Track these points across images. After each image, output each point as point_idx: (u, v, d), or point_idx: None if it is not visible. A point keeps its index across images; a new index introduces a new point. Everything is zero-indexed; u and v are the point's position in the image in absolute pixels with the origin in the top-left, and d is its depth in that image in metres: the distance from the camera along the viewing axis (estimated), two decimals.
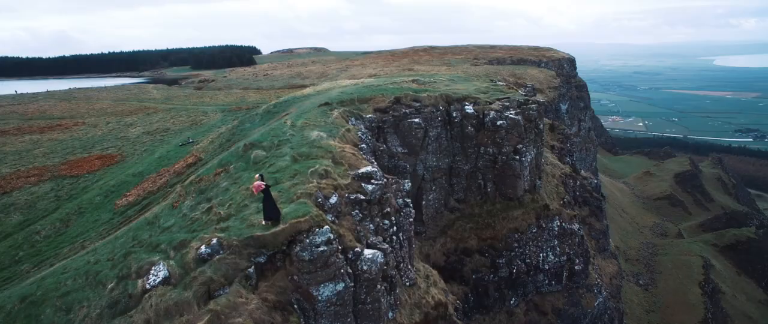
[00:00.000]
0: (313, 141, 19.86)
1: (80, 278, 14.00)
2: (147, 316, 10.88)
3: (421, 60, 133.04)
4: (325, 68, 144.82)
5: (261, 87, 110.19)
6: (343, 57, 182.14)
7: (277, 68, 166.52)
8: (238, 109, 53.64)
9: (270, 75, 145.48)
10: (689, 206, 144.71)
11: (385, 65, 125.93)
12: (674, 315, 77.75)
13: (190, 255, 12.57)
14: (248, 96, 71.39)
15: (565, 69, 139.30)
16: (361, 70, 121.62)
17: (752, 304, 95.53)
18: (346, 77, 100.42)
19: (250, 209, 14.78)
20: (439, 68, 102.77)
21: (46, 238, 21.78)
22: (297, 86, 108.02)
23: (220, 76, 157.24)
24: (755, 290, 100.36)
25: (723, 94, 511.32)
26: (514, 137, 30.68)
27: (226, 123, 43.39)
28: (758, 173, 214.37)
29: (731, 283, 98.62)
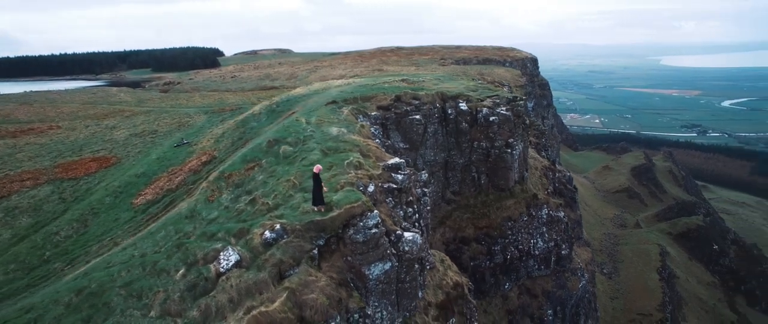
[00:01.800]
0: (336, 136, 20.96)
1: (135, 269, 14.60)
2: (229, 295, 11.76)
3: (389, 60, 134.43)
4: (294, 69, 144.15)
5: (230, 89, 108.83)
6: (310, 58, 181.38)
7: (243, 70, 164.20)
8: (221, 111, 53.52)
9: (238, 77, 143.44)
10: (645, 198, 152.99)
11: (354, 66, 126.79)
12: (636, 301, 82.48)
13: (255, 240, 13.50)
14: (225, 98, 70.83)
15: (529, 68, 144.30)
16: (330, 71, 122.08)
17: (702, 286, 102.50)
18: (317, 78, 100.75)
19: (295, 199, 15.78)
20: (408, 68, 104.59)
21: (67, 238, 21.79)
22: (267, 88, 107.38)
23: (185, 79, 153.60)
24: (704, 273, 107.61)
25: (670, 92, 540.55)
26: (505, 132, 32.75)
27: (215, 124, 43.52)
28: (703, 166, 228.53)
29: (684, 268, 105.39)
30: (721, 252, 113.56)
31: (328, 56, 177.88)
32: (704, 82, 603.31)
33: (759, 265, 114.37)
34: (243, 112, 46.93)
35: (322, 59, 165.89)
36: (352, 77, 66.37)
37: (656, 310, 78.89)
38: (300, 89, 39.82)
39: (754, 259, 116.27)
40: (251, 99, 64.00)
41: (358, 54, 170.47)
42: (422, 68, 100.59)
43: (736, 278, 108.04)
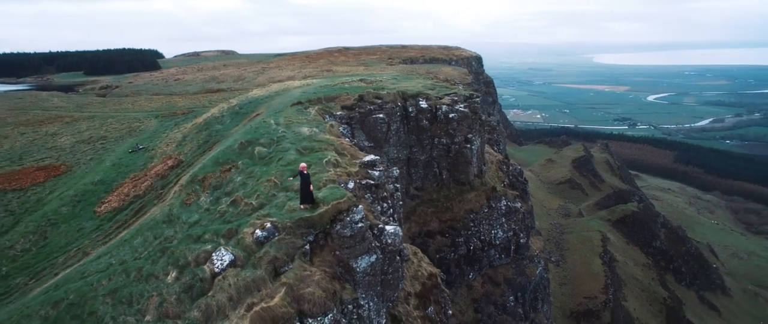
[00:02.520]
0: (309, 136, 21.23)
1: (118, 277, 14.31)
2: (228, 294, 11.89)
3: (337, 61, 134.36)
4: (241, 71, 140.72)
5: (174, 92, 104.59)
6: (256, 59, 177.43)
7: (187, 72, 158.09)
8: (172, 115, 51.77)
9: (182, 80, 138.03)
10: (586, 188, 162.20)
11: (303, 67, 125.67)
12: (582, 285, 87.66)
13: (247, 240, 13.64)
14: (174, 102, 68.37)
15: (474, 66, 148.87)
16: (278, 73, 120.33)
17: (638, 267, 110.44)
18: (265, 80, 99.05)
19: (279, 198, 16.00)
20: (357, 68, 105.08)
21: (25, 252, 20.57)
22: (214, 90, 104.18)
23: (124, 82, 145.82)
24: (640, 256, 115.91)
25: (602, 87, 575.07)
26: (464, 128, 34.19)
27: (169, 128, 42.19)
28: (634, 156, 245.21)
29: (623, 252, 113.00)
30: (653, 235, 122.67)
31: (274, 57, 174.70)
32: (632, 79, 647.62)
33: (684, 245, 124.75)
34: (197, 116, 45.76)
35: (268, 61, 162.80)
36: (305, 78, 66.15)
37: (600, 293, 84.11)
38: (258, 91, 39.41)
39: (680, 240, 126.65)
40: (202, 102, 62.22)
41: (306, 55, 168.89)
42: (371, 68, 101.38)
43: (666, 258, 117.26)
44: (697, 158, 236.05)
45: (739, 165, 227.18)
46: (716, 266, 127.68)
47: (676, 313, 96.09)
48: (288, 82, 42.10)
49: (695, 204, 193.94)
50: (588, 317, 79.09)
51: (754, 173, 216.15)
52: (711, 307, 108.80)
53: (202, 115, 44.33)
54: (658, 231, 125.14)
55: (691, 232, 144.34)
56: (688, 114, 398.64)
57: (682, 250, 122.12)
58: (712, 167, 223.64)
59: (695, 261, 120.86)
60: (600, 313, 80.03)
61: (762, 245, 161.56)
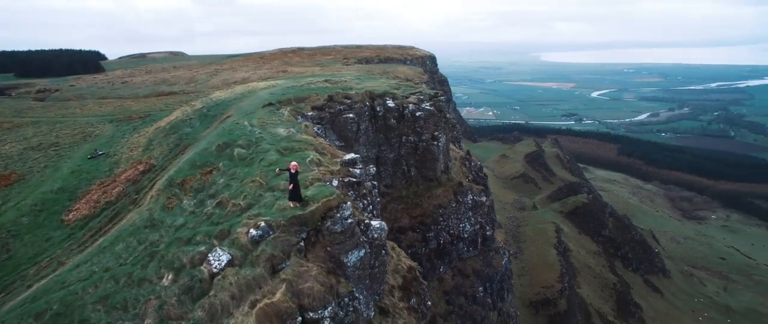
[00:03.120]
0: (287, 137, 21.37)
1: (106, 283, 14.04)
2: (230, 292, 12.04)
3: (292, 61, 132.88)
4: (192, 73, 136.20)
5: (123, 96, 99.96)
6: (207, 61, 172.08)
7: (134, 75, 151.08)
8: (129, 119, 49.75)
9: (130, 82, 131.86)
10: (538, 182, 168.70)
11: (257, 68, 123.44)
12: (539, 275, 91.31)
13: (242, 239, 13.78)
14: (127, 105, 65.48)
15: (428, 65, 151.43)
16: (232, 74, 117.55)
17: (590, 255, 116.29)
18: (219, 82, 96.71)
19: (266, 198, 16.17)
20: (312, 69, 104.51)
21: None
22: (165, 93, 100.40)
23: (64, 85, 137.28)
24: (591, 244, 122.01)
25: (549, 85, 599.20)
26: (430, 126, 35.21)
27: (127, 133, 40.72)
28: (582, 150, 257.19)
29: (575, 242, 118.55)
30: (602, 224, 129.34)
31: (226, 59, 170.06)
32: (576, 76, 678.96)
33: (630, 233, 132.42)
34: (156, 119, 44.44)
35: (221, 62, 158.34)
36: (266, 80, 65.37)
37: (556, 282, 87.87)
38: (221, 93, 38.79)
39: (626, 228, 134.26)
40: (158, 105, 60.09)
41: (259, 56, 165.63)
42: (327, 68, 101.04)
43: (614, 246, 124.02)
44: (638, 151, 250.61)
45: (674, 156, 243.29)
46: (658, 251, 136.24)
47: (625, 297, 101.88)
48: (253, 84, 41.57)
49: (638, 193, 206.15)
50: (546, 306, 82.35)
51: (686, 163, 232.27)
52: (654, 289, 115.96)
53: (162, 118, 43.08)
54: (606, 220, 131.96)
55: (635, 220, 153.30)
56: (628, 109, 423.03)
57: (628, 238, 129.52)
58: (650, 159, 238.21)
59: (640, 247, 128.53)
60: (557, 301, 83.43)
61: (695, 229, 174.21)
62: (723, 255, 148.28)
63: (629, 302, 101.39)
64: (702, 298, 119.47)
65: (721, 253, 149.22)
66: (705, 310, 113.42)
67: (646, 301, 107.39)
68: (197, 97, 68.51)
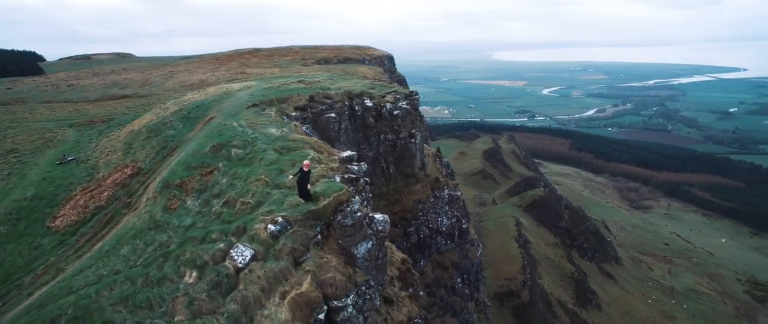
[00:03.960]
0: (281, 136, 21.69)
1: (121, 285, 14.02)
2: (260, 285, 12.44)
3: (250, 62, 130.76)
4: (146, 76, 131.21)
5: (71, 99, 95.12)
6: (159, 63, 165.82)
7: (80, 77, 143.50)
8: (90, 124, 47.99)
9: (77, 85, 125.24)
10: (497, 177, 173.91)
11: (214, 70, 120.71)
12: (502, 267, 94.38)
13: (261, 235, 14.16)
14: (83, 109, 62.69)
15: (386, 65, 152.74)
16: (188, 76, 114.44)
17: (548, 247, 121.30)
18: (175, 84, 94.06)
19: (275, 196, 16.56)
20: (272, 70, 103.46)
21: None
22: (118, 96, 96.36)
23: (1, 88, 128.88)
24: (549, 236, 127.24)
25: (502, 83, 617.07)
26: (407, 124, 36.26)
27: (94, 138, 39.44)
28: (536, 145, 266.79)
29: (534, 234, 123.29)
30: (559, 216, 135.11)
31: (180, 60, 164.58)
32: (528, 74, 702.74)
33: (584, 224, 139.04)
34: (123, 123, 43.24)
35: (175, 64, 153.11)
36: (233, 81, 64.49)
37: (519, 273, 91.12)
38: (195, 94, 38.21)
39: (581, 220, 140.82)
40: (119, 109, 58.06)
41: (214, 57, 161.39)
42: (286, 69, 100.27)
43: (570, 236, 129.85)
44: (588, 145, 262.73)
45: (620, 149, 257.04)
46: (610, 240, 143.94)
47: (582, 285, 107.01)
48: (226, 86, 41.05)
49: (589, 186, 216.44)
50: (510, 297, 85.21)
51: (631, 156, 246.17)
52: (608, 276, 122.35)
53: (129, 122, 41.96)
54: (562, 212, 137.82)
55: (588, 211, 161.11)
56: (577, 105, 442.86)
57: (583, 228, 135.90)
58: (599, 152, 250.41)
59: (594, 237, 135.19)
60: (520, 293, 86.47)
61: (641, 218, 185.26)
62: (667, 241, 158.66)
63: (586, 290, 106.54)
64: (650, 282, 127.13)
65: (664, 239, 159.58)
66: (653, 292, 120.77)
67: (602, 288, 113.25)
68: (161, 99, 66.75)
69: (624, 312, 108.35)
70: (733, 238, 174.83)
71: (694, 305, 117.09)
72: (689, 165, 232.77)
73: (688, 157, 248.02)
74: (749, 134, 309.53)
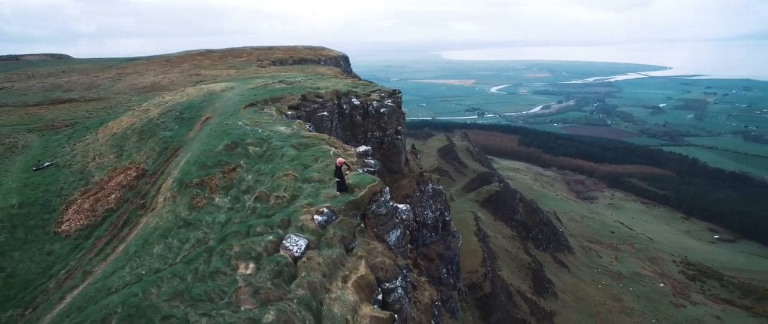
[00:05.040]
0: (292, 134, 22.14)
1: (170, 282, 14.14)
2: (322, 271, 13.08)
3: (203, 64, 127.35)
4: (91, 78, 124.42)
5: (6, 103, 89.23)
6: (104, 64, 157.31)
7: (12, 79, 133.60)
8: (52, 128, 45.69)
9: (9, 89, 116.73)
10: (452, 174, 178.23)
11: (166, 72, 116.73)
12: (464, 261, 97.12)
13: (310, 225, 14.76)
14: (36, 114, 59.18)
15: (342, 65, 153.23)
16: (139, 79, 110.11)
17: (506, 239, 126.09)
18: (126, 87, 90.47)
19: (307, 189, 17.15)
20: (228, 71, 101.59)
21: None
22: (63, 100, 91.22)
23: None
24: (505, 229, 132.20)
25: (452, 81, 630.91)
26: (393, 121, 37.39)
27: (64, 143, 37.77)
28: (487, 142, 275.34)
29: (492, 228, 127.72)
30: (514, 210, 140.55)
31: (127, 62, 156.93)
32: (476, 73, 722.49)
33: (538, 216, 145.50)
34: (92, 127, 41.71)
35: (121, 65, 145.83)
36: (201, 82, 63.14)
37: (480, 267, 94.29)
38: (173, 96, 37.43)
39: (534, 212, 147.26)
40: (79, 112, 55.56)
41: (165, 59, 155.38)
42: (242, 71, 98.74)
43: (526, 228, 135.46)
44: (536, 140, 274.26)
45: (566, 144, 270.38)
46: (562, 230, 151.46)
47: (539, 275, 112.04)
48: (207, 86, 40.16)
49: (539, 180, 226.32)
50: (473, 290, 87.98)
51: (575, 150, 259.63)
52: (562, 264, 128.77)
53: (99, 125, 40.59)
54: (517, 206, 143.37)
55: (540, 203, 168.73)
56: (524, 102, 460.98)
57: (537, 220, 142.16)
58: (547, 147, 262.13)
59: (547, 228, 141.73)
60: (482, 285, 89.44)
61: (589, 208, 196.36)
62: (612, 229, 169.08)
63: (543, 279, 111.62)
64: (599, 268, 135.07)
65: (610, 228, 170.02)
66: (602, 278, 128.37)
67: (557, 276, 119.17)
68: (121, 102, 64.36)
69: (578, 298, 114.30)
70: (668, 223, 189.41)
71: (638, 287, 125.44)
72: (628, 157, 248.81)
73: (626, 150, 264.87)
74: (677, 128, 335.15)
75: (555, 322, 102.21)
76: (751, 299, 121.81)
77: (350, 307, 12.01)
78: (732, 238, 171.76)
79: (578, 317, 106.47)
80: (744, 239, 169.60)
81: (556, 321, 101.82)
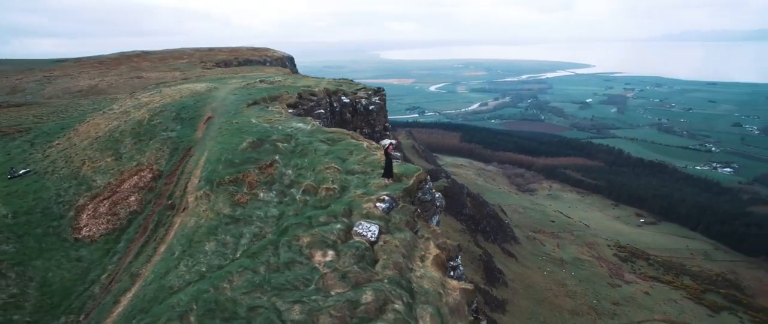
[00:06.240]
0: (315, 129, 22.55)
1: (241, 276, 14.27)
2: (401, 252, 13.86)
3: (142, 66, 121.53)
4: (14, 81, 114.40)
5: None
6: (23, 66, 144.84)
7: None
8: (6, 134, 42.64)
9: None
10: None
11: (102, 74, 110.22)
12: None
13: (375, 212, 15.47)
14: None
15: (288, 66, 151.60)
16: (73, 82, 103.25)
17: (457, 233, 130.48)
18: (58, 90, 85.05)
19: (353, 180, 17.82)
20: (172, 74, 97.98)
21: (21, 296, 16.41)
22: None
23: None
24: (456, 223, 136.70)
25: (391, 81, 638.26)
26: (381, 118, 38.38)
27: (28, 150, 35.55)
28: (430, 139, 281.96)
29: (443, 223, 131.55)
30: (462, 204, 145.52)
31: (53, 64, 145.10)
32: (414, 72, 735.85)
33: (485, 209, 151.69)
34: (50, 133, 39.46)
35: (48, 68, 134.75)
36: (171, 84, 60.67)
37: None
38: (151, 97, 36.00)
39: (481, 205, 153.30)
40: (28, 118, 51.76)
41: (97, 61, 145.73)
42: (187, 72, 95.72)
43: (474, 222, 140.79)
44: (476, 137, 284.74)
45: (505, 139, 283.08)
46: (508, 222, 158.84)
47: (490, 266, 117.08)
48: (188, 86, 38.33)
49: (482, 175, 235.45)
50: None
51: (513, 145, 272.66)
52: (510, 254, 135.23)
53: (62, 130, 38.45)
54: (465, 200, 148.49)
55: (485, 197, 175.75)
56: (462, 100, 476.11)
57: (484, 214, 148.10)
58: (487, 143, 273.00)
59: (494, 220, 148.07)
60: None
61: (530, 200, 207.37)
62: (552, 218, 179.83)
63: (494, 269, 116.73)
64: (544, 256, 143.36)
65: (550, 217, 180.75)
66: (547, 265, 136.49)
67: (506, 266, 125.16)
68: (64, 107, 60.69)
69: (526, 286, 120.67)
70: (601, 210, 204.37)
71: (579, 271, 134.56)
72: (562, 150, 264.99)
73: (560, 143, 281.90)
74: (603, 121, 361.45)
75: (507, 309, 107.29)
76: (672, 274, 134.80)
77: (438, 282, 13.01)
78: (654, 220, 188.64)
79: (528, 304, 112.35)
80: (664, 221, 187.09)
81: (508, 309, 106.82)
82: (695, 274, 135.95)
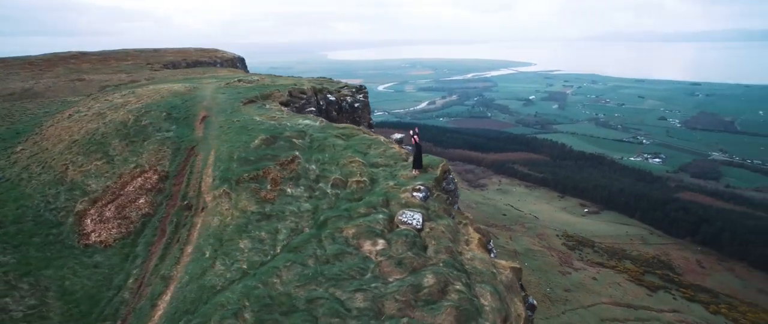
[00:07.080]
0: (325, 125, 22.69)
1: (288, 270, 14.33)
2: (448, 237, 14.47)
3: (82, 68, 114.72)
4: None
5: None
6: None
7: None
8: None
9: None
10: None
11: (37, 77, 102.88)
12: None
13: (414, 202, 15.98)
14: None
15: (239, 67, 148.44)
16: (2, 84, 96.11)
17: None
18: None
19: (380, 173, 18.24)
20: (118, 75, 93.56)
21: (41, 307, 15.28)
22: None
23: None
24: None
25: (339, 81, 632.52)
26: (366, 115, 38.77)
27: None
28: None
29: None
30: None
31: None
32: (362, 72, 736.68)
33: None
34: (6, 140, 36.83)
35: None
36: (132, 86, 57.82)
37: None
38: (128, 98, 34.40)
39: None
40: None
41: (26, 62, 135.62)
42: (135, 74, 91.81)
43: None
44: (426, 135, 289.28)
45: (454, 137, 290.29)
46: None
47: None
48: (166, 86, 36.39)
49: None
50: None
51: (463, 142, 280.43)
52: None
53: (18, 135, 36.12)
54: None
55: None
56: (410, 99, 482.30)
57: None
58: (438, 141, 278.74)
59: None
60: None
61: (481, 195, 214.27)
62: (504, 212, 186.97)
63: None
64: (498, 249, 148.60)
65: (502, 211, 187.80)
66: (502, 257, 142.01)
67: None
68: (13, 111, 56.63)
69: None
70: (548, 202, 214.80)
71: (532, 262, 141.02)
72: (509, 145, 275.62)
73: (507, 139, 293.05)
74: (545, 117, 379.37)
75: None
76: (615, 259, 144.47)
77: (489, 263, 13.79)
78: (597, 210, 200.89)
79: None
80: (606, 210, 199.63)
81: None
82: (635, 258, 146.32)
